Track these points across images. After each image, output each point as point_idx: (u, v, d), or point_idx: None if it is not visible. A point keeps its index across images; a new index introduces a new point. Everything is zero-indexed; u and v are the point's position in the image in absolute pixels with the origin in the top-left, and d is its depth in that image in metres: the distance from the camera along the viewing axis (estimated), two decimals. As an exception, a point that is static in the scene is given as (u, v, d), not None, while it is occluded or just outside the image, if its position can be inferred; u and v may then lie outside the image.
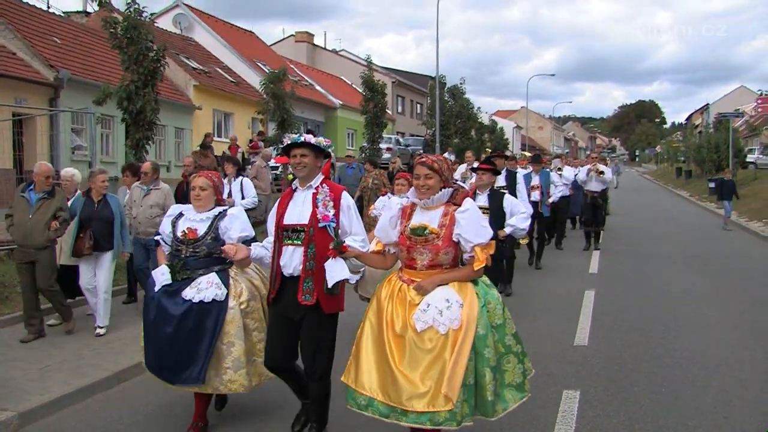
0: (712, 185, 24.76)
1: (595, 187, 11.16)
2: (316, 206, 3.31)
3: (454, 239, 3.10)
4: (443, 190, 3.16)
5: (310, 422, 3.54)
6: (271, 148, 15.05)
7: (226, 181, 7.53)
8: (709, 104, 54.14)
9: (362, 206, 9.63)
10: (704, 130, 41.27)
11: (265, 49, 31.33)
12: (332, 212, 3.30)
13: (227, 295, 3.66)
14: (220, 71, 23.43)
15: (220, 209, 3.82)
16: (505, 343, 3.10)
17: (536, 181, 9.73)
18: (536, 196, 9.56)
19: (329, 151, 3.48)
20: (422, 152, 23.20)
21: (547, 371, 4.87)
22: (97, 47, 16.82)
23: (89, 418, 4.15)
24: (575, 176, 11.79)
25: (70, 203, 5.94)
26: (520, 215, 5.91)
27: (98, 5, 10.82)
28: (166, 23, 23.75)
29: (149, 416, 4.15)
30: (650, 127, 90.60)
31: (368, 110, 19.22)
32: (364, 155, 17.62)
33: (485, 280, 3.21)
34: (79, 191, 6.17)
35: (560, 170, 11.68)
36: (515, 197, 6.57)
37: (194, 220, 3.76)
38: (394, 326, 3.04)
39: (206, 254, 3.70)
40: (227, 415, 4.08)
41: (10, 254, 7.26)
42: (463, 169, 10.36)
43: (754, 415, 4.10)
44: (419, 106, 39.73)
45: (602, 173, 11.10)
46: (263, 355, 3.60)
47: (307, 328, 3.37)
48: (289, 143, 3.44)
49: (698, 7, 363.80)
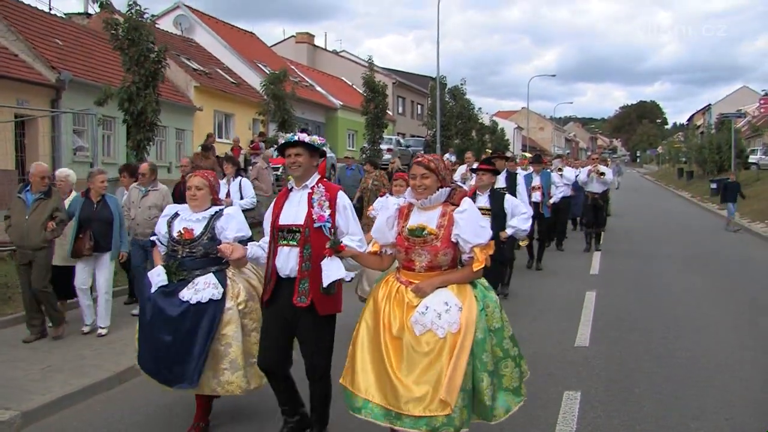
0: (713, 186, 24.76)
1: (595, 188, 11.12)
2: (311, 206, 3.27)
3: (452, 240, 3.06)
4: (440, 189, 3.11)
5: (311, 423, 3.51)
6: (272, 149, 15.06)
7: (224, 181, 7.49)
8: (711, 105, 54.14)
9: (363, 207, 9.63)
10: (706, 130, 41.17)
11: (265, 50, 31.37)
12: (328, 212, 3.26)
13: (224, 294, 3.62)
14: (220, 72, 23.45)
15: (216, 209, 3.77)
16: (503, 347, 3.06)
17: (537, 181, 9.71)
18: (537, 196, 9.53)
19: (324, 149, 3.44)
20: (424, 152, 23.21)
21: (547, 372, 4.87)
22: (98, 49, 16.84)
23: (91, 418, 4.16)
24: (576, 177, 11.78)
25: (67, 204, 5.91)
26: (521, 216, 5.86)
27: (99, 7, 10.85)
28: (166, 24, 23.79)
29: (150, 416, 4.15)
30: (651, 127, 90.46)
31: (369, 111, 19.25)
32: (364, 156, 17.63)
33: (483, 282, 3.17)
34: (75, 192, 6.14)
35: (561, 171, 11.66)
36: (515, 197, 6.54)
37: (190, 220, 3.71)
38: (390, 328, 2.99)
39: (203, 254, 3.66)
40: (228, 415, 4.08)
41: (12, 255, 7.27)
42: (463, 170, 10.33)
43: (756, 415, 4.10)
44: (420, 106, 39.73)
45: (603, 174, 11.06)
46: None
47: (303, 329, 3.34)
48: (283, 142, 3.41)
49: (699, 6, 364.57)
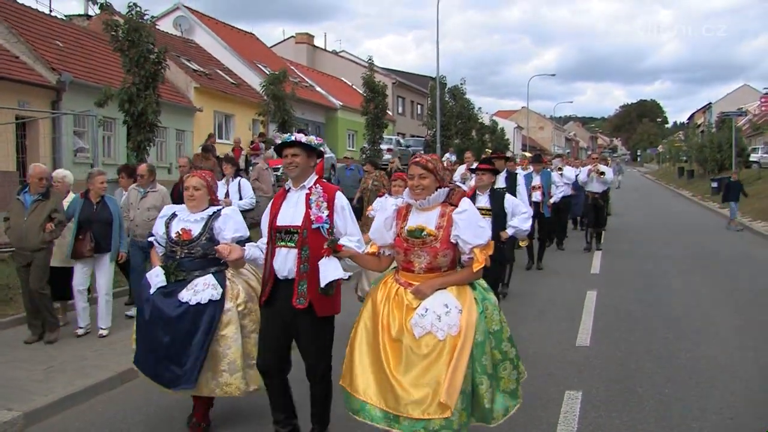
0: (714, 185, 24.75)
1: (596, 188, 11.11)
2: (309, 207, 3.24)
3: (452, 241, 3.03)
4: (439, 190, 3.09)
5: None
6: (272, 150, 15.07)
7: (223, 181, 7.45)
8: (711, 103, 54.05)
9: (363, 207, 9.64)
10: (706, 129, 41.11)
11: (265, 50, 31.38)
12: (326, 213, 3.23)
13: (223, 295, 3.61)
14: (220, 73, 23.46)
15: (214, 209, 3.75)
16: (501, 349, 3.04)
17: (537, 181, 9.69)
18: (537, 196, 9.52)
19: (321, 150, 3.42)
20: (423, 152, 23.20)
21: (548, 372, 4.87)
22: (98, 50, 16.85)
23: (93, 418, 4.17)
24: (576, 177, 11.77)
25: (66, 205, 5.89)
26: (521, 216, 5.81)
27: (99, 8, 10.87)
28: (166, 26, 23.81)
29: (152, 416, 4.16)
30: (652, 126, 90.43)
31: (369, 111, 19.25)
32: (364, 156, 17.64)
33: (482, 283, 3.15)
34: (73, 193, 6.12)
35: (561, 170, 11.66)
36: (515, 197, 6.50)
37: (188, 220, 3.69)
38: (390, 330, 2.96)
39: (201, 255, 3.63)
40: (229, 415, 4.08)
41: (13, 256, 7.27)
42: (462, 170, 10.32)
43: (759, 415, 4.09)
44: (420, 106, 39.73)
45: (603, 174, 11.05)
46: None
47: (302, 331, 3.33)
48: (280, 143, 3.39)
49: (699, 5, 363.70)
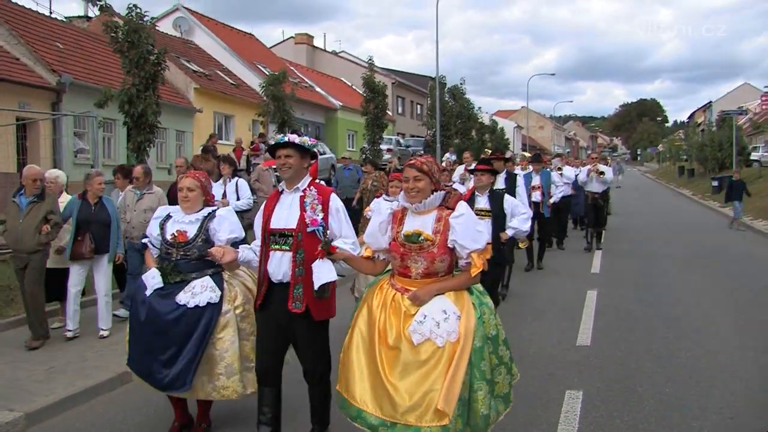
0: (715, 184, 24.75)
1: (595, 187, 11.10)
2: (304, 210, 3.19)
3: (449, 245, 2.98)
4: (435, 193, 3.04)
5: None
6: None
7: (221, 181, 7.41)
8: (711, 102, 54.02)
9: (362, 208, 9.63)
10: (707, 128, 41.09)
11: (264, 51, 31.40)
12: (321, 216, 3.18)
13: (221, 297, 3.58)
14: (220, 74, 23.47)
15: (209, 210, 3.70)
16: (498, 353, 3.01)
17: (537, 181, 9.67)
18: (537, 196, 9.51)
19: (315, 151, 3.39)
20: (423, 153, 23.22)
21: (549, 371, 4.88)
22: (98, 51, 16.87)
23: (93, 419, 4.17)
24: (576, 176, 11.77)
25: (63, 206, 5.85)
26: (521, 216, 5.77)
27: (99, 10, 10.87)
28: (166, 27, 23.83)
29: (152, 417, 4.16)
30: (652, 125, 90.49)
31: (369, 111, 19.25)
32: (364, 156, 17.63)
33: (478, 287, 3.11)
34: (67, 194, 6.10)
35: (560, 170, 11.65)
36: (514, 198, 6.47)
37: (183, 222, 3.64)
38: (386, 337, 2.92)
39: (197, 257, 3.58)
40: (230, 416, 4.08)
41: (12, 258, 7.27)
42: (461, 170, 10.28)
43: (759, 415, 4.09)
44: (419, 106, 39.73)
45: (602, 173, 11.04)
46: None
47: (298, 335, 3.30)
48: (273, 143, 3.37)
49: (699, 3, 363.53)
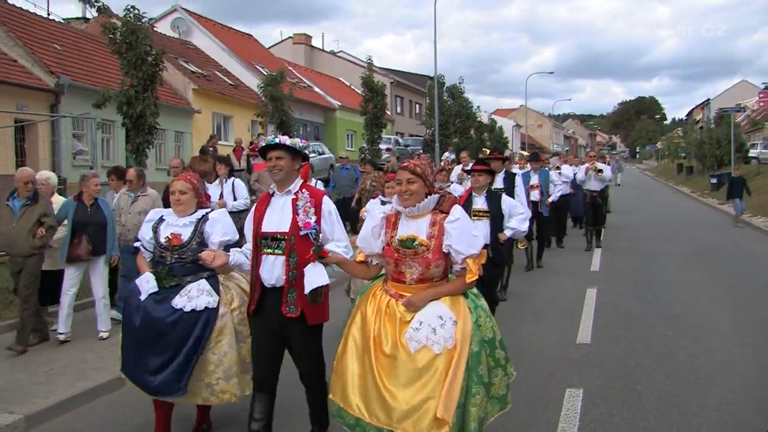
0: (714, 181, 24.77)
1: (594, 186, 11.09)
2: (296, 213, 3.14)
3: (444, 250, 2.95)
4: (429, 196, 2.99)
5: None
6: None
7: (217, 182, 7.37)
8: (710, 99, 54.06)
9: (361, 208, 9.60)
10: (705, 125, 41.19)
11: (263, 51, 31.36)
12: (314, 219, 3.14)
13: (218, 301, 3.55)
14: (218, 74, 23.45)
15: (202, 212, 3.68)
16: (495, 356, 2.98)
17: (535, 180, 9.67)
18: (536, 195, 9.50)
19: (306, 153, 3.35)
20: (422, 152, 23.22)
21: (549, 370, 4.88)
22: (96, 53, 16.85)
23: (93, 420, 4.18)
24: (574, 175, 11.77)
25: (56, 208, 5.80)
26: (519, 216, 5.70)
27: (97, 11, 10.86)
28: (164, 28, 23.80)
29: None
30: (650, 123, 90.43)
31: (367, 111, 19.24)
32: (363, 156, 17.61)
33: (473, 290, 3.08)
34: (60, 196, 6.10)
35: (559, 169, 11.64)
36: (512, 198, 6.38)
37: (177, 225, 3.61)
38: (382, 345, 2.87)
39: (192, 260, 3.53)
40: (230, 416, 4.08)
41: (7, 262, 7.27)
42: (459, 170, 10.23)
43: (757, 412, 4.10)
44: (418, 106, 39.73)
45: (601, 172, 11.04)
46: None
47: (293, 340, 3.27)
48: (263, 145, 3.33)
49: (697, 0, 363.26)
